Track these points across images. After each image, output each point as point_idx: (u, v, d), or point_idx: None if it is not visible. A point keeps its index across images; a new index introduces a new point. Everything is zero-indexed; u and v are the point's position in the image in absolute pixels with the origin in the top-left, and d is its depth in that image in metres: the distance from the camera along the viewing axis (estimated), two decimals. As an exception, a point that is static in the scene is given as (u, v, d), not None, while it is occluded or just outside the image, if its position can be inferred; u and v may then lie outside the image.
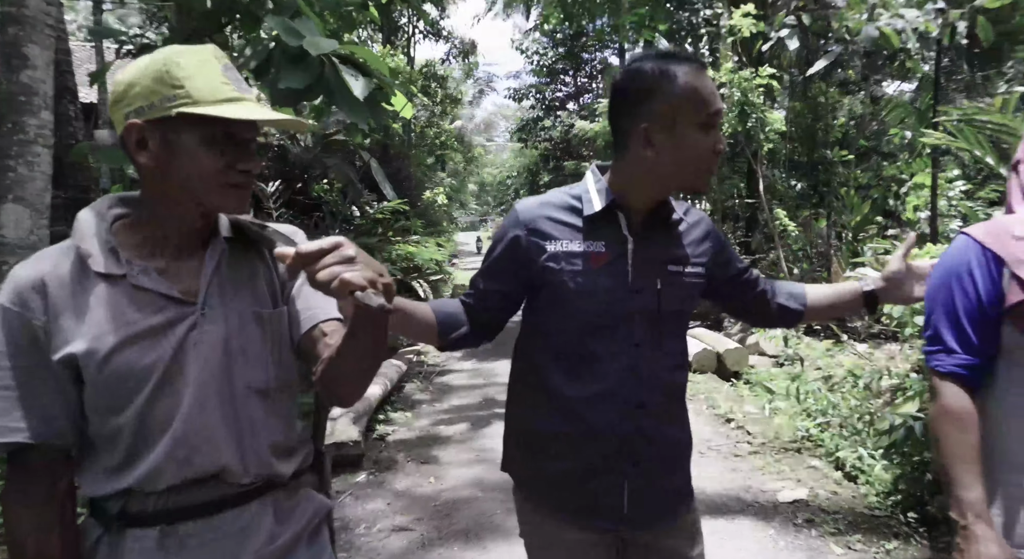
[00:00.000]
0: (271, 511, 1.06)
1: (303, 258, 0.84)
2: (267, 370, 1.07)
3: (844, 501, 3.41)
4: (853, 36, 5.76)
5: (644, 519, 1.28)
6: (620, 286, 1.24)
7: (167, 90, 0.93)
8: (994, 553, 1.09)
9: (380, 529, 3.20)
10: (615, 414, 1.24)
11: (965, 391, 1.19)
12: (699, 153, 1.18)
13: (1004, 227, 1.19)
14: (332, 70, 3.90)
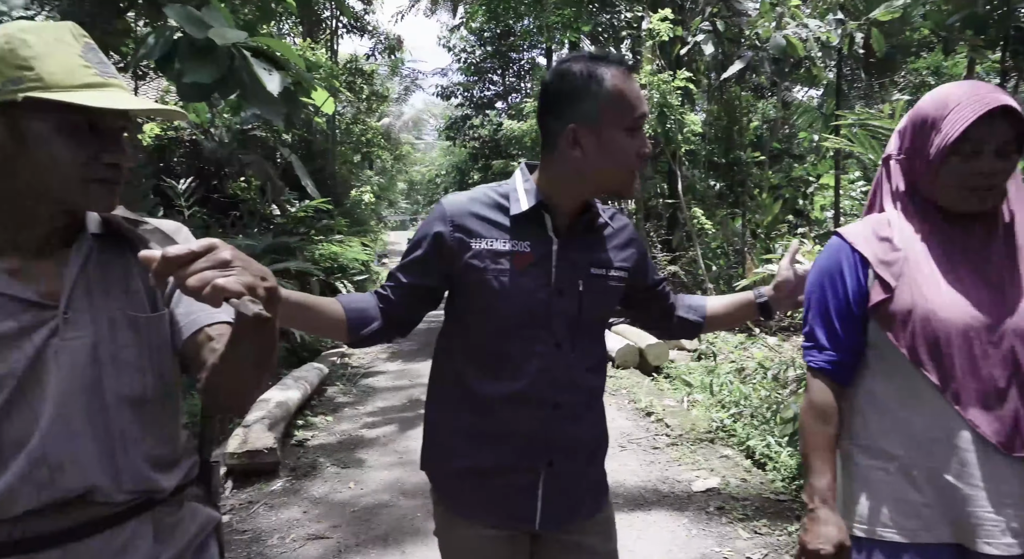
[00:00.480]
0: (150, 530, 0.99)
1: (170, 262, 0.77)
2: (143, 378, 0.99)
3: (753, 488, 3.57)
4: (763, 43, 6.05)
5: (558, 518, 1.29)
6: (542, 287, 1.23)
7: (12, 72, 0.83)
8: (832, 533, 1.16)
9: (294, 538, 3.09)
10: (531, 415, 1.24)
11: (833, 386, 1.25)
12: (624, 156, 1.19)
13: (871, 227, 1.25)
14: (243, 63, 3.72)
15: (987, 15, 2.50)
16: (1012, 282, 1.15)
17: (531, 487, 1.26)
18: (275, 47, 3.88)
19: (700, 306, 1.52)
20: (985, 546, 1.09)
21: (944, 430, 1.14)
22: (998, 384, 1.11)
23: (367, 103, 15.37)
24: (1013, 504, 1.10)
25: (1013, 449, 1.10)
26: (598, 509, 1.36)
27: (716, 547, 2.93)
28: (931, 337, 1.13)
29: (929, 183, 1.19)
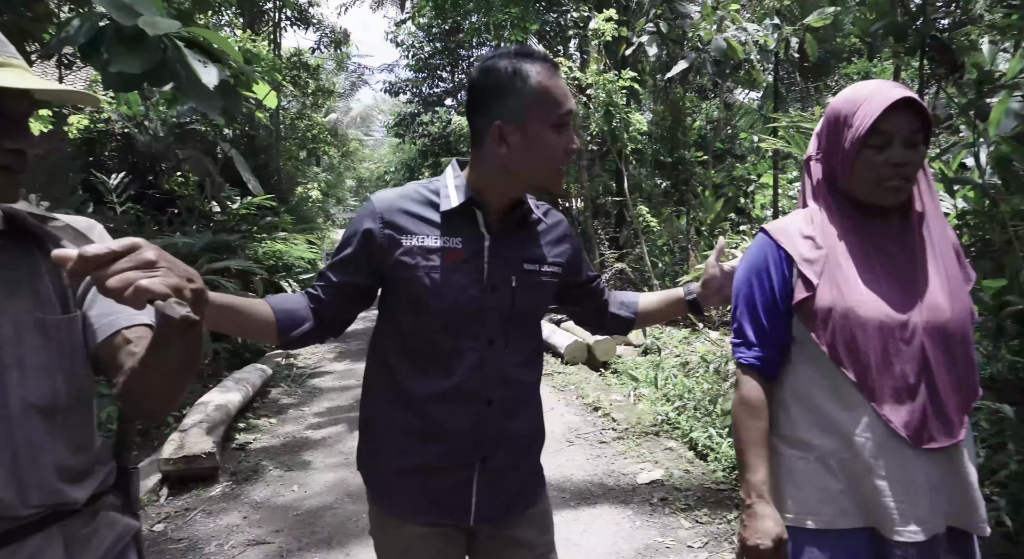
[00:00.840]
0: (60, 543, 0.93)
1: (88, 261, 0.72)
2: (53, 384, 0.93)
3: (695, 478, 3.66)
4: (704, 45, 6.20)
5: (493, 513, 1.29)
6: (474, 283, 1.23)
7: None
8: (769, 528, 1.19)
9: (233, 545, 3.00)
10: (463, 411, 1.24)
11: (761, 381, 1.28)
12: (551, 152, 1.19)
13: (795, 224, 1.29)
14: (177, 54, 3.57)
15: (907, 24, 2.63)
16: (924, 279, 1.21)
17: (465, 483, 1.26)
18: (211, 39, 3.73)
19: (632, 303, 1.54)
20: (893, 533, 1.14)
21: (859, 423, 1.18)
22: (909, 380, 1.16)
23: (313, 98, 15.02)
24: (919, 494, 1.15)
25: (921, 442, 1.16)
26: (533, 502, 1.36)
27: (659, 537, 2.99)
28: (849, 335, 1.18)
29: (846, 178, 1.24)
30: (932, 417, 1.17)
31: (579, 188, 9.63)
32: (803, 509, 1.23)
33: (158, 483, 3.60)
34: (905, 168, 1.17)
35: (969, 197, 3.79)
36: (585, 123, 8.32)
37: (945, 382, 1.18)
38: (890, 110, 1.15)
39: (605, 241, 9.78)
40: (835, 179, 1.27)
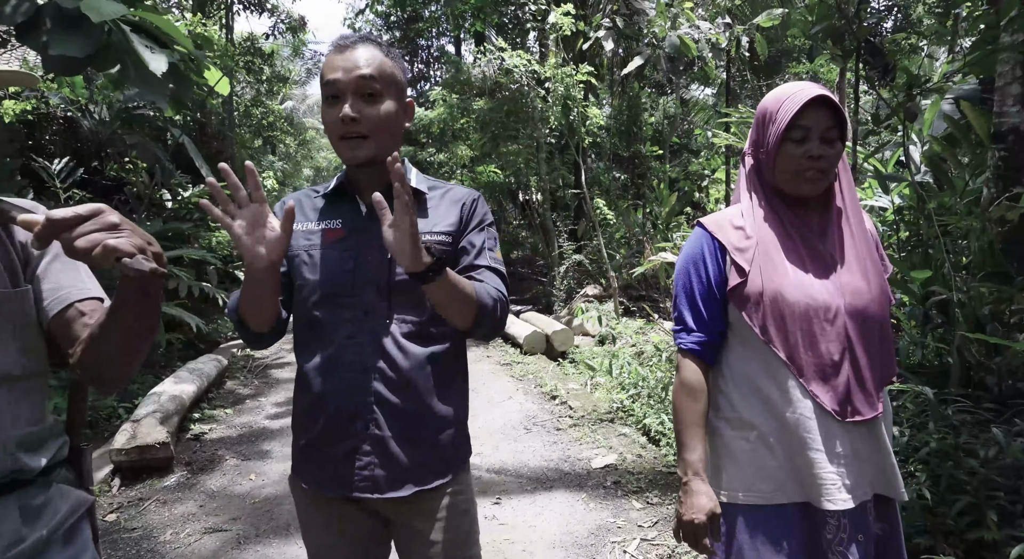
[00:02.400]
0: (16, 512, 0.96)
1: (56, 225, 0.77)
2: (7, 356, 0.96)
3: (647, 462, 3.80)
4: (659, 42, 6.34)
5: (374, 486, 1.27)
6: (350, 258, 1.28)
7: None
8: (703, 503, 1.29)
9: (189, 533, 2.99)
10: (341, 381, 1.27)
11: (700, 365, 1.37)
12: (328, 125, 1.27)
13: (727, 217, 1.39)
14: (121, 38, 3.46)
15: (843, 27, 2.79)
16: (844, 264, 1.32)
17: (352, 453, 1.27)
18: (158, 23, 3.63)
19: None
20: (826, 503, 1.24)
21: (792, 401, 1.28)
22: (834, 358, 1.27)
23: (267, 85, 14.67)
24: (847, 464, 1.26)
25: (846, 415, 1.27)
26: (433, 487, 1.31)
27: (611, 518, 3.11)
28: (778, 317, 1.28)
29: (771, 170, 1.34)
30: (855, 392, 1.28)
31: (538, 180, 9.73)
32: (741, 486, 1.32)
33: (110, 474, 3.54)
34: (820, 161, 1.28)
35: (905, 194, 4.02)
36: (543, 116, 8.40)
37: (865, 360, 1.29)
38: (808, 107, 1.27)
39: (564, 233, 9.91)
40: (763, 171, 1.37)
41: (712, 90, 13.80)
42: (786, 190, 1.34)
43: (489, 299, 1.24)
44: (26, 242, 1.04)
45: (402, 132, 1.33)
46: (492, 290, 1.26)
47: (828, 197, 1.36)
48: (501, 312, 1.27)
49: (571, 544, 2.86)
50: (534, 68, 7.35)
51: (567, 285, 8.93)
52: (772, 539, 1.28)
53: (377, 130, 1.25)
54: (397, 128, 1.30)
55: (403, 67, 1.32)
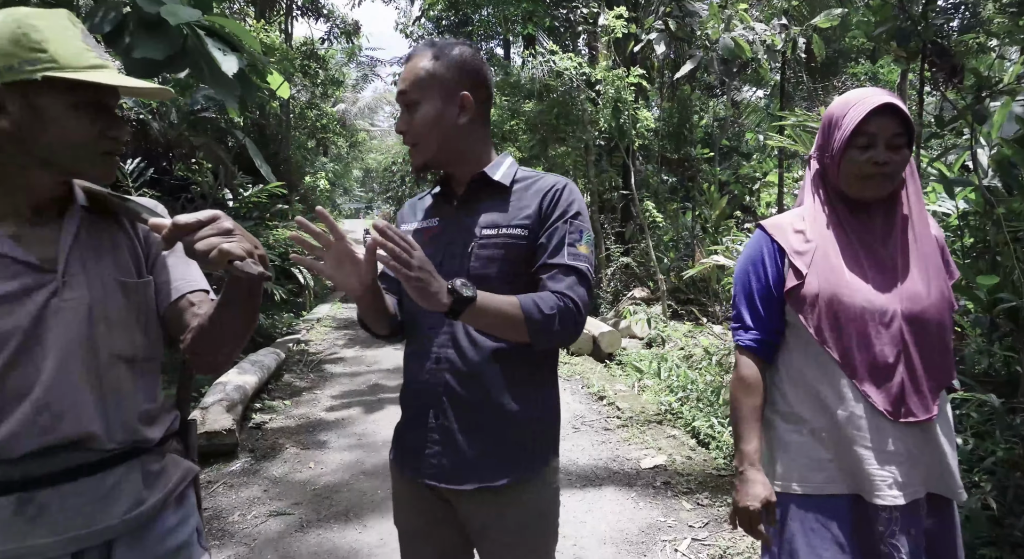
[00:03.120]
0: (139, 475, 1.08)
1: (180, 229, 0.89)
2: (133, 338, 1.08)
3: (697, 465, 3.80)
4: (712, 44, 6.29)
5: (441, 474, 1.30)
6: (437, 253, 1.32)
7: (27, 53, 0.91)
8: (758, 491, 1.33)
9: (256, 515, 3.14)
10: (420, 369, 1.34)
11: (757, 362, 1.42)
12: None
13: (788, 221, 1.43)
14: (197, 42, 3.68)
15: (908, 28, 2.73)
16: (904, 269, 1.34)
17: (423, 439, 1.32)
18: (230, 27, 3.84)
19: None
20: (876, 498, 1.28)
21: (843, 399, 1.32)
22: (887, 360, 1.30)
23: (322, 88, 15.10)
24: (898, 462, 1.29)
25: (898, 416, 1.30)
26: (499, 488, 1.29)
27: (661, 517, 3.13)
28: (833, 319, 1.32)
29: (835, 175, 1.37)
30: (910, 394, 1.30)
31: (586, 182, 9.74)
32: (794, 476, 1.37)
33: (180, 458, 3.75)
34: (885, 167, 1.30)
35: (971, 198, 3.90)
36: (593, 118, 8.41)
37: (921, 364, 1.31)
38: (874, 114, 1.29)
39: (611, 236, 9.89)
40: (827, 176, 1.41)
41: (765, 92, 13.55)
42: (850, 195, 1.36)
43: (539, 313, 1.19)
44: (148, 237, 1.15)
45: (459, 127, 1.30)
46: (551, 299, 1.21)
47: (893, 202, 1.38)
48: (562, 323, 1.21)
49: (622, 541, 2.89)
50: (585, 70, 7.38)
51: (614, 287, 8.92)
52: (823, 527, 1.32)
53: (420, 137, 1.30)
54: (445, 127, 1.29)
55: (455, 63, 1.29)
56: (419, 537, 1.42)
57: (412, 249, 1.09)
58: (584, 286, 1.26)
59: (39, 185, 1.01)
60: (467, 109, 1.30)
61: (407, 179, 22.34)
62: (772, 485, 1.37)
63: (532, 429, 1.32)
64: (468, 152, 1.34)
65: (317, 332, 8.32)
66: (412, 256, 1.09)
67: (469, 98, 1.30)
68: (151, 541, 1.08)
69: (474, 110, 1.31)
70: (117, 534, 1.04)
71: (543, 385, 1.36)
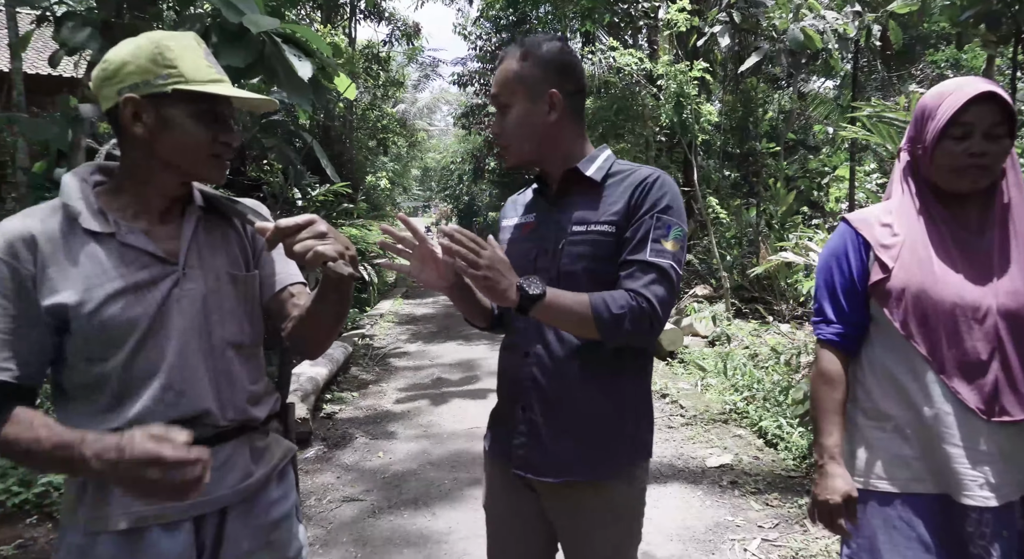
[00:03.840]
0: (247, 451, 1.18)
1: (282, 232, 0.99)
2: (242, 326, 1.19)
3: (765, 465, 3.72)
4: (779, 35, 6.11)
5: (529, 465, 1.34)
6: (533, 249, 1.35)
7: (161, 70, 1.04)
8: (839, 485, 1.31)
9: (331, 500, 3.29)
10: (511, 362, 1.39)
11: (839, 356, 1.40)
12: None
13: (874, 214, 1.40)
14: (274, 49, 3.87)
15: (1000, 11, 2.59)
16: (1002, 264, 1.29)
17: (513, 429, 1.37)
18: (303, 34, 4.02)
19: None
20: (965, 498, 1.24)
21: (930, 396, 1.28)
22: (980, 357, 1.25)
23: (383, 89, 15.47)
24: (990, 462, 1.24)
25: (991, 415, 1.25)
26: (583, 478, 1.31)
27: (729, 516, 3.09)
28: (920, 313, 1.28)
29: (928, 167, 1.33)
30: (1004, 392, 1.25)
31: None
32: (876, 473, 1.34)
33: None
34: (983, 158, 1.25)
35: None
36: (654, 114, 8.31)
37: (1018, 362, 1.26)
38: (972, 103, 1.24)
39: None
40: (919, 168, 1.37)
41: (834, 82, 13.03)
42: (943, 187, 1.32)
43: (608, 311, 1.18)
44: (253, 235, 1.26)
45: (550, 125, 1.31)
46: (623, 298, 1.19)
47: (991, 194, 1.33)
48: (632, 323, 1.18)
49: (689, 538, 2.88)
50: (647, 66, 7.29)
51: (675, 285, 8.77)
52: (907, 526, 1.29)
53: (512, 137, 1.33)
54: (535, 127, 1.31)
55: (541, 61, 1.29)
56: (506, 522, 1.47)
57: (480, 249, 1.13)
58: (663, 284, 1.22)
59: (164, 186, 1.12)
60: (556, 106, 1.30)
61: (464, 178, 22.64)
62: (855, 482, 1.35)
63: (614, 428, 1.32)
64: (560, 148, 1.34)
65: (380, 327, 8.56)
66: (480, 256, 1.13)
67: (557, 95, 1.29)
68: (258, 511, 1.18)
69: (563, 106, 1.31)
70: (230, 503, 1.14)
71: (628, 385, 1.34)
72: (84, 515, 1.05)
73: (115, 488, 1.02)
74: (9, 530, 2.57)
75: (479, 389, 5.55)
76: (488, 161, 16.17)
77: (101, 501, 1.05)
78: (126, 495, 0.99)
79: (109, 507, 1.05)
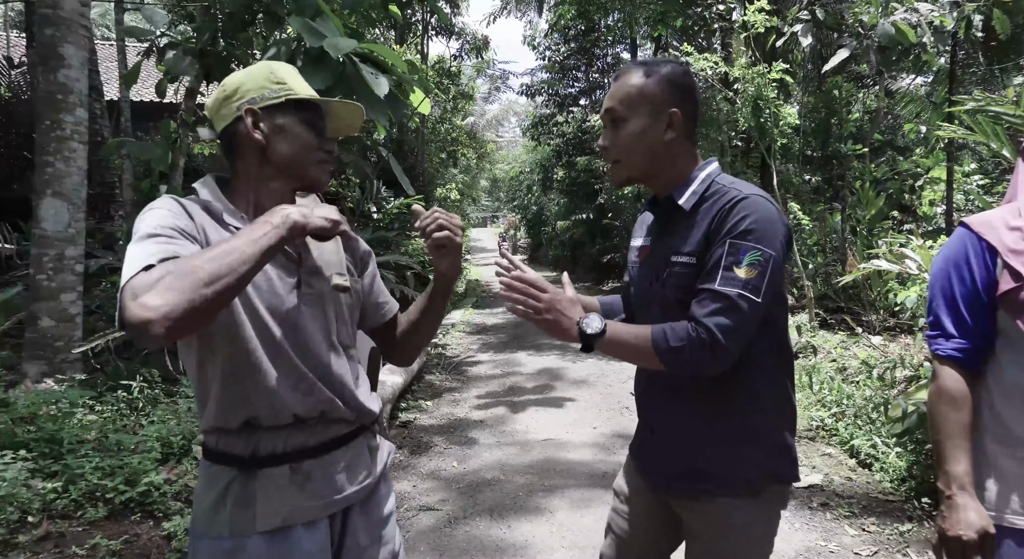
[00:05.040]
0: (366, 450, 1.24)
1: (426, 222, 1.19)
2: (349, 329, 1.26)
3: (859, 487, 3.49)
4: (867, 30, 5.79)
5: (652, 476, 1.42)
6: (648, 275, 1.37)
7: (274, 85, 1.17)
8: (972, 520, 1.18)
9: (408, 508, 3.32)
10: (637, 378, 1.47)
11: (962, 373, 1.27)
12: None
13: (1000, 217, 1.26)
14: (353, 69, 4.02)
15: None
16: None
17: (640, 440, 1.46)
18: (380, 53, 4.15)
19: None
20: None
21: None
22: None
23: (453, 102, 15.77)
24: None
25: None
26: (694, 494, 1.32)
27: (822, 541, 2.91)
28: None
29: None
30: None
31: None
32: (1010, 507, 1.20)
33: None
34: None
35: None
36: (730, 118, 8.05)
37: None
38: None
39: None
40: None
41: (924, 79, 12.25)
42: None
43: (666, 343, 1.18)
44: (350, 243, 1.31)
45: (665, 144, 1.29)
46: (683, 330, 1.18)
47: None
48: (692, 353, 1.16)
49: (778, 563, 2.73)
50: (724, 69, 7.09)
51: (753, 294, 8.44)
52: None
53: (625, 153, 1.31)
54: (651, 143, 1.29)
55: (665, 79, 1.29)
56: (633, 519, 1.49)
57: (541, 292, 1.21)
58: (729, 314, 1.16)
59: (277, 192, 1.19)
60: (675, 125, 1.29)
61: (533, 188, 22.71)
62: None
63: (723, 448, 1.29)
64: (672, 169, 1.33)
65: (452, 336, 8.67)
66: (540, 299, 1.21)
67: (678, 114, 1.29)
68: (373, 508, 1.25)
69: (681, 126, 1.30)
70: (357, 500, 1.21)
71: (744, 407, 1.29)
72: (228, 519, 1.09)
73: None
74: (116, 526, 2.73)
75: (555, 398, 5.52)
76: (556, 171, 16.14)
77: (245, 504, 1.09)
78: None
79: (255, 509, 1.09)
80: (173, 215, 1.05)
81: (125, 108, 10.29)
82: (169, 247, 0.97)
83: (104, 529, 2.75)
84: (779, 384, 1.31)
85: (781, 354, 1.31)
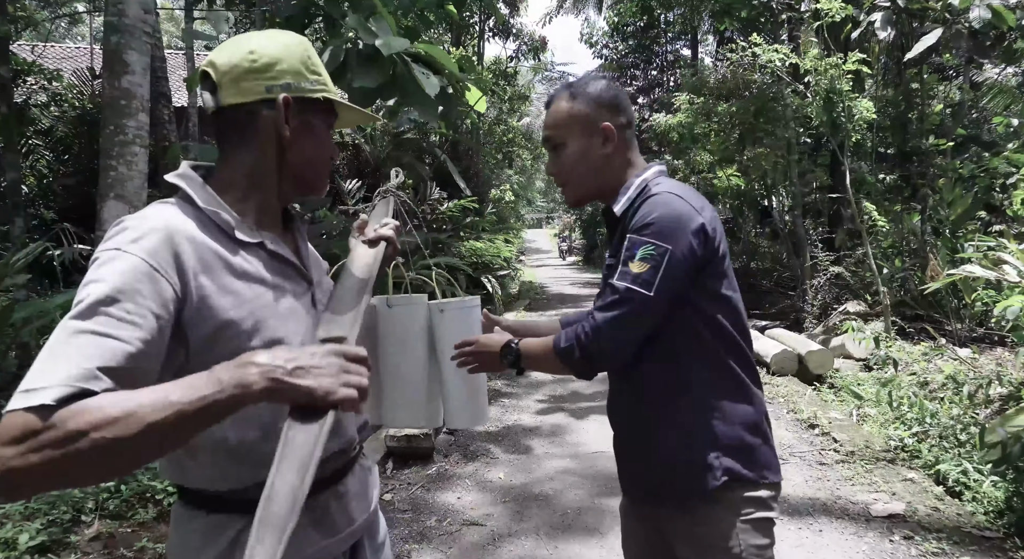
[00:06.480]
0: (367, 475, 1.14)
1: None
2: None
3: (948, 519, 3.14)
4: (957, 16, 5.32)
5: (624, 485, 1.44)
6: (603, 284, 1.38)
7: (311, 75, 0.99)
8: None
9: (451, 522, 3.20)
10: (608, 398, 1.45)
11: None
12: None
13: None
14: (404, 69, 3.96)
15: None
16: None
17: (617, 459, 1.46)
18: (432, 53, 4.07)
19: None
20: None
21: None
22: None
23: (509, 104, 15.69)
24: None
25: None
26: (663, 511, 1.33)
27: (905, 580, 2.61)
28: None
29: None
30: None
31: (788, 185, 8.85)
32: None
33: (384, 457, 3.98)
34: None
35: None
36: (799, 114, 7.61)
37: None
38: None
39: (818, 243, 8.89)
40: None
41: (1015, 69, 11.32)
42: None
43: (559, 347, 1.26)
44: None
45: (604, 160, 1.33)
46: (572, 330, 1.25)
47: None
48: (582, 350, 1.22)
49: (856, 605, 2.45)
50: (794, 61, 6.68)
51: (821, 300, 7.96)
52: None
53: (570, 175, 1.36)
54: (592, 162, 1.34)
55: (591, 97, 1.33)
56: (629, 526, 1.49)
57: (465, 347, 1.31)
58: (617, 307, 1.20)
59: (285, 196, 1.04)
60: (611, 138, 1.33)
61: (589, 188, 22.39)
62: None
63: (682, 456, 1.27)
64: (615, 179, 1.35)
65: (504, 340, 8.54)
66: (467, 352, 1.32)
67: (611, 128, 1.33)
68: (375, 533, 1.15)
69: (616, 138, 1.33)
70: (364, 529, 1.09)
71: (687, 409, 1.28)
72: None
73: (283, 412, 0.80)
74: (164, 528, 2.73)
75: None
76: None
77: None
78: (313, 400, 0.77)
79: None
80: (141, 274, 0.79)
81: (192, 113, 10.67)
82: (105, 346, 0.72)
83: (152, 531, 2.76)
84: (729, 382, 1.29)
85: (730, 351, 1.28)
